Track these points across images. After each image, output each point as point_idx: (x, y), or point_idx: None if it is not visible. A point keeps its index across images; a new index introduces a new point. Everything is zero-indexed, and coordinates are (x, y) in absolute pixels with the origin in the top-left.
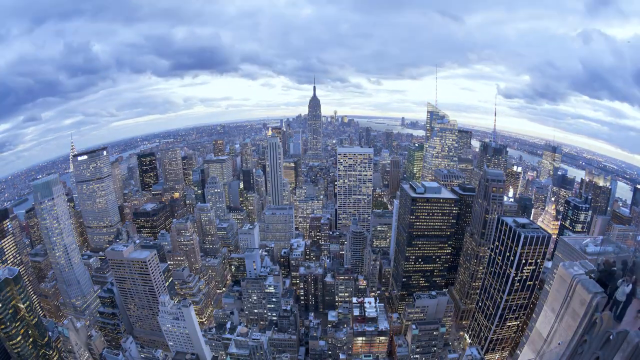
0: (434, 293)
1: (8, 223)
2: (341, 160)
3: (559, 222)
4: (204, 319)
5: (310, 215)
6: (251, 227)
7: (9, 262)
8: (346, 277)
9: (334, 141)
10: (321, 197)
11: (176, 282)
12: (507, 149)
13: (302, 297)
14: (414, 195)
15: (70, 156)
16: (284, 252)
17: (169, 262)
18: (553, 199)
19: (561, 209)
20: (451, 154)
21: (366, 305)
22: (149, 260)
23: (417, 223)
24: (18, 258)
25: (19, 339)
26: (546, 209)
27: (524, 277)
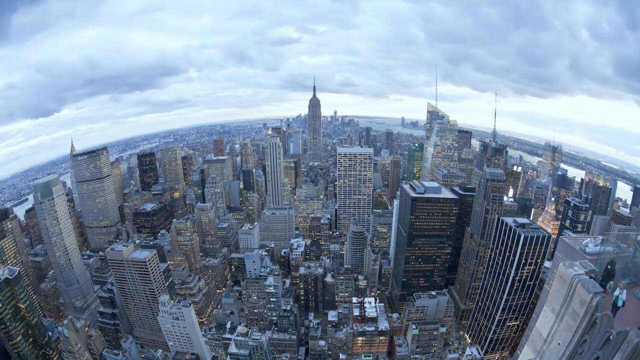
0: (434, 293)
1: (8, 223)
2: (341, 160)
3: (559, 222)
4: (204, 319)
5: (310, 215)
6: (251, 227)
7: (9, 262)
8: (346, 277)
9: (334, 141)
10: (321, 197)
11: (176, 282)
12: (507, 149)
13: (302, 297)
14: (414, 195)
15: (70, 156)
16: (284, 252)
17: (169, 262)
18: (553, 199)
19: (561, 209)
20: (451, 153)
21: (366, 305)
22: (149, 260)
23: (417, 223)
24: (18, 258)
25: (19, 339)
26: (546, 209)
27: (524, 277)
